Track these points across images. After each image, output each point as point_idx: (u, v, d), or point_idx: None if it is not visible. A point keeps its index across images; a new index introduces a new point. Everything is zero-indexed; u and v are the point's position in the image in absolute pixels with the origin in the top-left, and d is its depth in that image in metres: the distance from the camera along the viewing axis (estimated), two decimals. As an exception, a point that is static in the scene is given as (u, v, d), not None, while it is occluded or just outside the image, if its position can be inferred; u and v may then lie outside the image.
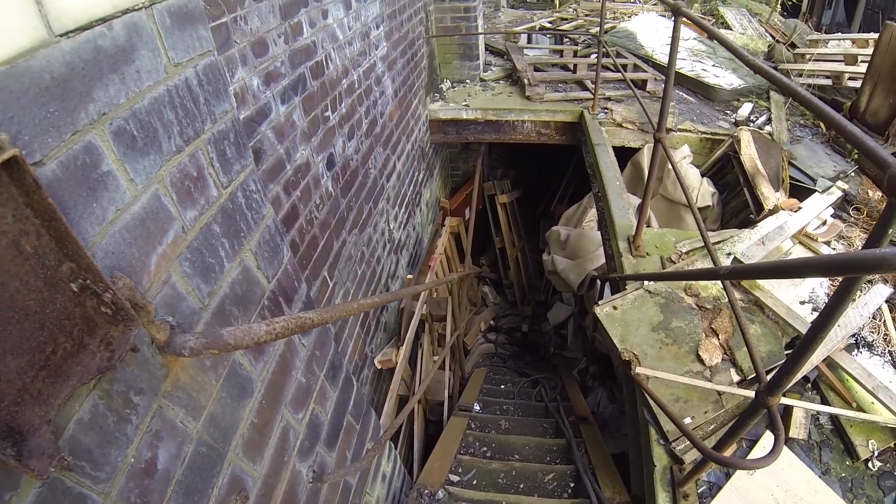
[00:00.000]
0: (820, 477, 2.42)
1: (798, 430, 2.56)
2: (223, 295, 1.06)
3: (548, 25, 9.22)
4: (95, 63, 0.78)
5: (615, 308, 2.99)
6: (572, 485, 3.02)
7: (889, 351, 3.12)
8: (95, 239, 0.77)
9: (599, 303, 3.04)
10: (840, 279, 1.22)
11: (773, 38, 8.78)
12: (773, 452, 1.47)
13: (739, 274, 2.02)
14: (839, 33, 10.36)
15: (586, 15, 10.07)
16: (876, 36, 5.76)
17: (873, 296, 3.29)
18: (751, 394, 2.50)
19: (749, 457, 2.40)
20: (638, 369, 2.56)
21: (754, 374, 2.69)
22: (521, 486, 3.02)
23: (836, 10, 12.73)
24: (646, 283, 3.14)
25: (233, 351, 0.84)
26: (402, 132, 4.91)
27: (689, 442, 2.36)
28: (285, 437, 1.28)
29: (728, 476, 2.32)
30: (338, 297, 3.29)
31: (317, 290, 2.95)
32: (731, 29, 9.07)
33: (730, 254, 3.45)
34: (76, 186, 0.75)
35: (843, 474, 2.52)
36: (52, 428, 0.68)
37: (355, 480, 1.81)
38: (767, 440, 2.47)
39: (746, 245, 3.51)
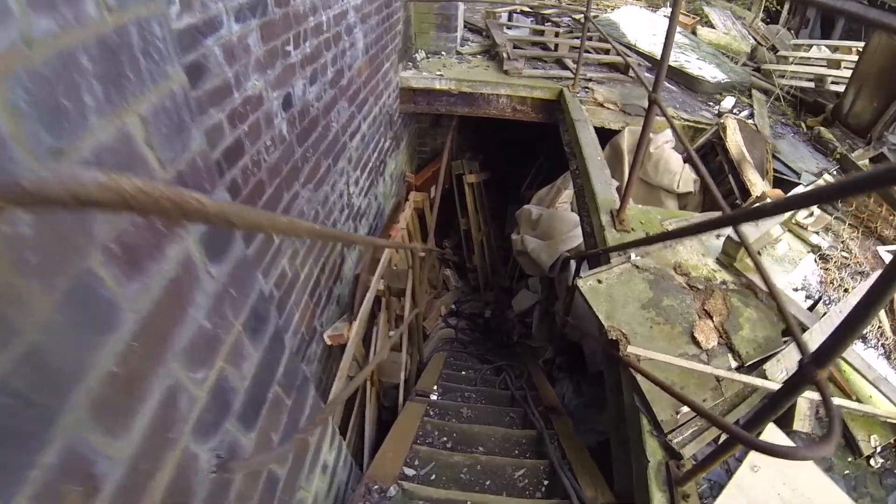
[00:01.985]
0: (825, 472, 2.15)
1: (802, 422, 2.26)
2: (81, 160, 0.66)
3: (528, 9, 8.91)
4: None
5: (599, 282, 2.65)
6: (546, 482, 2.65)
7: (882, 344, 2.94)
8: None
9: (582, 275, 2.70)
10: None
11: (756, 40, 8.78)
12: (828, 439, 1.13)
13: (751, 215, 1.60)
14: (822, 39, 10.39)
15: (568, 4, 9.82)
16: (859, 44, 5.98)
17: (867, 287, 3.05)
18: (755, 381, 2.19)
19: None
20: (630, 349, 2.22)
21: (752, 361, 2.41)
22: (488, 482, 2.65)
23: (812, 30, 12.76)
24: (633, 257, 2.82)
25: (30, 205, 0.45)
26: (370, 93, 4.50)
27: (685, 434, 2.05)
28: (172, 402, 0.87)
29: (729, 473, 2.01)
30: (283, 259, 2.88)
31: (258, 247, 2.53)
32: (714, 28, 9.06)
33: (719, 235, 3.15)
34: None
35: (847, 471, 2.26)
36: None
37: (285, 471, 1.41)
38: (771, 431, 2.17)
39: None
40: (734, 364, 2.33)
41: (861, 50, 5.41)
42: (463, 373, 4.99)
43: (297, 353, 3.20)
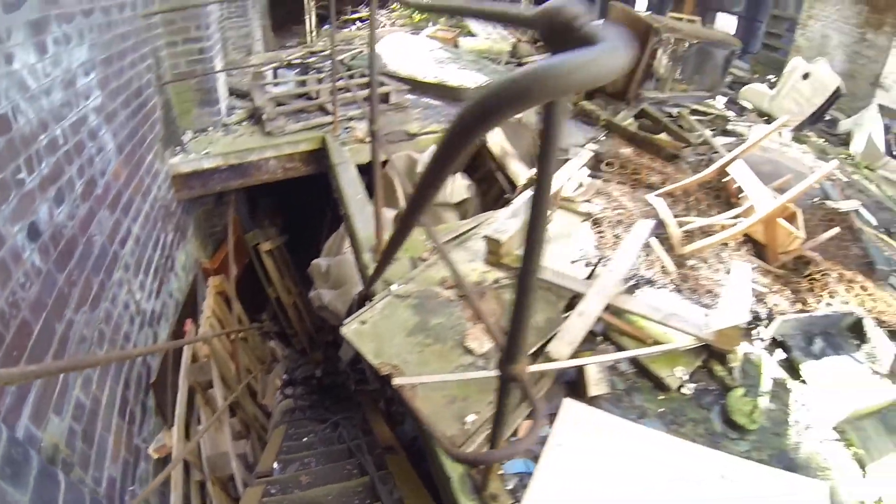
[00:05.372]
0: (636, 421, 2.40)
1: (597, 387, 2.49)
2: None
3: (296, 62, 8.91)
4: None
5: (364, 322, 2.88)
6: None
7: (671, 280, 3.28)
8: None
9: (345, 322, 2.89)
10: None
11: (518, 39, 10.04)
12: (533, 430, 1.37)
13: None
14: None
15: (337, 46, 10.07)
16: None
17: (635, 236, 3.49)
18: (537, 367, 2.41)
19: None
20: (396, 380, 2.42)
21: (535, 348, 2.61)
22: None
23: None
24: (392, 288, 3.07)
25: None
26: (134, 192, 4.34)
27: (479, 440, 2.22)
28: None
29: (536, 460, 2.17)
30: (75, 390, 2.76)
31: (41, 388, 2.41)
32: (475, 36, 10.23)
33: (486, 236, 3.43)
34: None
35: (662, 409, 2.53)
36: None
37: None
38: (569, 406, 2.39)
39: (501, 221, 3.53)
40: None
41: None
42: (304, 439, 5.00)
43: (124, 479, 3.05)
